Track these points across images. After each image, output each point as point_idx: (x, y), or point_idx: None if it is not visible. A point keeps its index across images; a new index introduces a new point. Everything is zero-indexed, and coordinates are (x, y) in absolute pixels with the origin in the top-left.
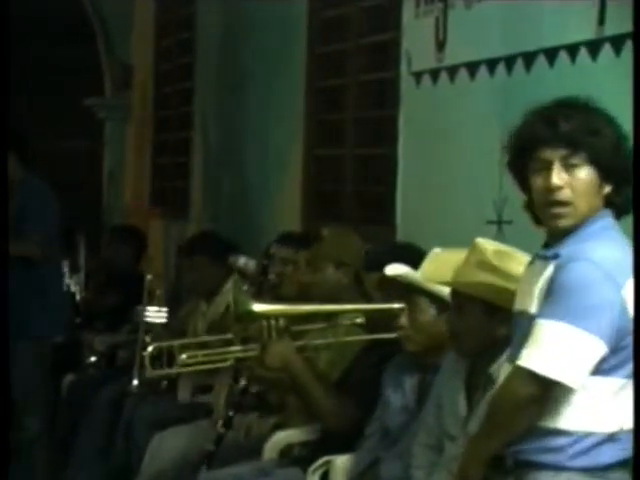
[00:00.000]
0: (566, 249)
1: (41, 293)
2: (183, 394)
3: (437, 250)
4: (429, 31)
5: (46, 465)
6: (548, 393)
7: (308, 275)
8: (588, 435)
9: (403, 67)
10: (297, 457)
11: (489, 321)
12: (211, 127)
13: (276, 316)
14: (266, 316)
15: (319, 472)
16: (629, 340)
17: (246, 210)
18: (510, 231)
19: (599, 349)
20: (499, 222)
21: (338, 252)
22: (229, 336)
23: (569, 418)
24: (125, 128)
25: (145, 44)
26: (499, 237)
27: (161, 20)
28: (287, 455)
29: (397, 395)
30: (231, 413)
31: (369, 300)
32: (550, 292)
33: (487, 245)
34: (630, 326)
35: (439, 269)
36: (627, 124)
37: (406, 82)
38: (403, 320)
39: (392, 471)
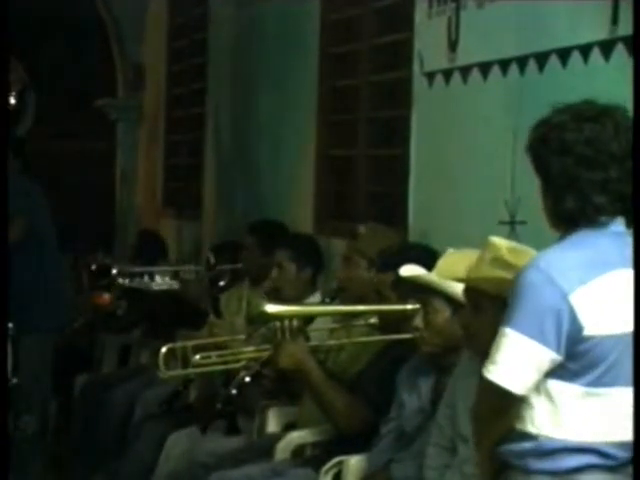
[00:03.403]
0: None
1: (36, 289)
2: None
3: (451, 250)
4: (441, 31)
5: (46, 466)
6: (502, 399)
7: (342, 271)
8: (550, 440)
9: (416, 67)
10: (309, 457)
11: None
12: (223, 128)
13: (289, 317)
14: (279, 317)
15: (331, 473)
16: (589, 346)
17: (258, 210)
18: (523, 232)
19: (541, 354)
20: (512, 222)
21: (371, 250)
22: (242, 337)
23: (533, 421)
24: (137, 129)
25: (157, 45)
26: (512, 238)
27: (173, 21)
28: (299, 455)
29: (412, 397)
30: (248, 379)
31: (383, 300)
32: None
33: (502, 243)
34: (586, 333)
35: (454, 267)
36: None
37: (419, 82)
38: (418, 321)
39: (405, 471)
